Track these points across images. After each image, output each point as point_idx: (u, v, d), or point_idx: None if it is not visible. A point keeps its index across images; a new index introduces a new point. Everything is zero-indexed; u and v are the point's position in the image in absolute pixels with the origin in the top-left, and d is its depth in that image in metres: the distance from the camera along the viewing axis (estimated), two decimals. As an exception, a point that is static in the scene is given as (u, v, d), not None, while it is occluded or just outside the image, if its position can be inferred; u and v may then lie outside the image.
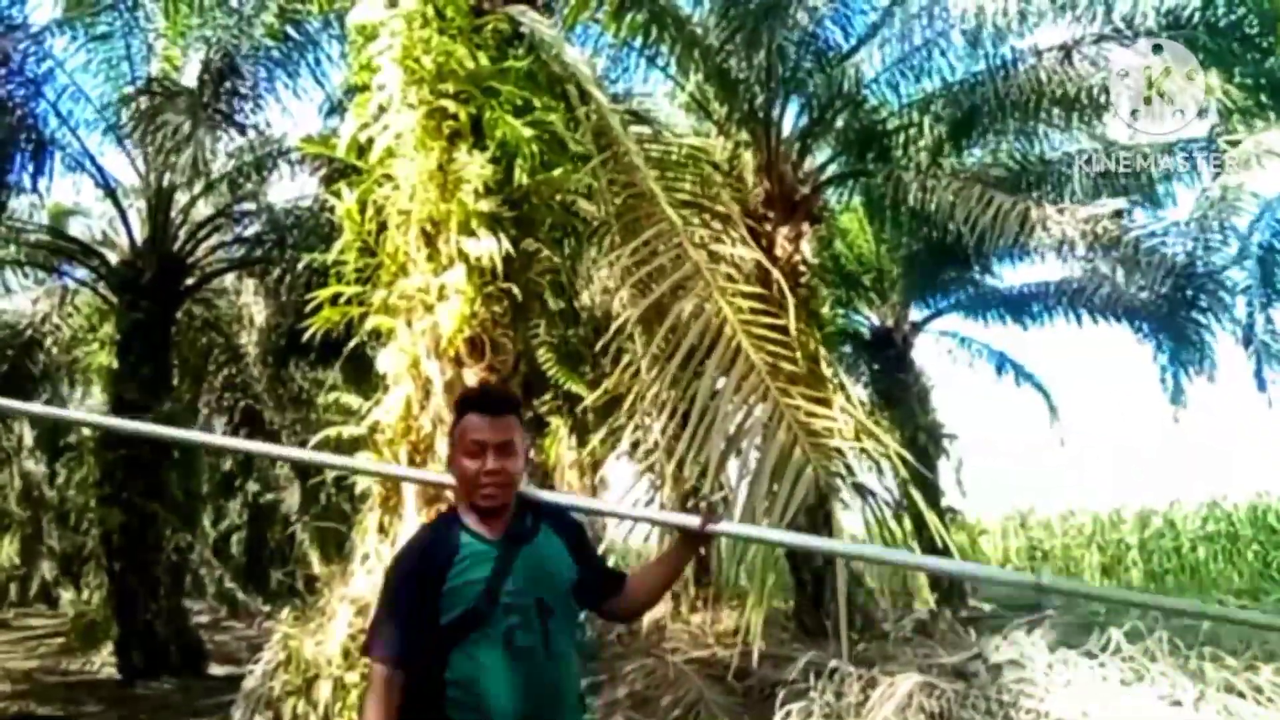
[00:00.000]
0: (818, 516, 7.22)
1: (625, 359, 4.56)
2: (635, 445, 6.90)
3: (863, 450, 3.61)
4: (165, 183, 9.09)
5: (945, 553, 10.61)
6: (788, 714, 4.49)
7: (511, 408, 2.01)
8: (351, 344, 4.29)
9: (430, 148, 3.96)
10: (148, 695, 7.95)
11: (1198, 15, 7.06)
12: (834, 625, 7.01)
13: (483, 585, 1.82)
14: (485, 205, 3.88)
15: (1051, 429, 13.19)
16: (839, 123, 8.48)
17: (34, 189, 8.51)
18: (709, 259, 3.89)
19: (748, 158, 7.80)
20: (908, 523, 6.58)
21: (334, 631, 3.83)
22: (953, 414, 12.80)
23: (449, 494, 2.40)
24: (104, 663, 9.49)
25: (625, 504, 1.97)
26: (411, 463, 3.81)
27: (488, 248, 3.80)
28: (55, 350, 11.41)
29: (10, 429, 14.43)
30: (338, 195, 4.12)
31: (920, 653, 5.52)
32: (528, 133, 3.94)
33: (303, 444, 12.33)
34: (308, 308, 4.08)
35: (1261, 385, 9.14)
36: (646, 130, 5.71)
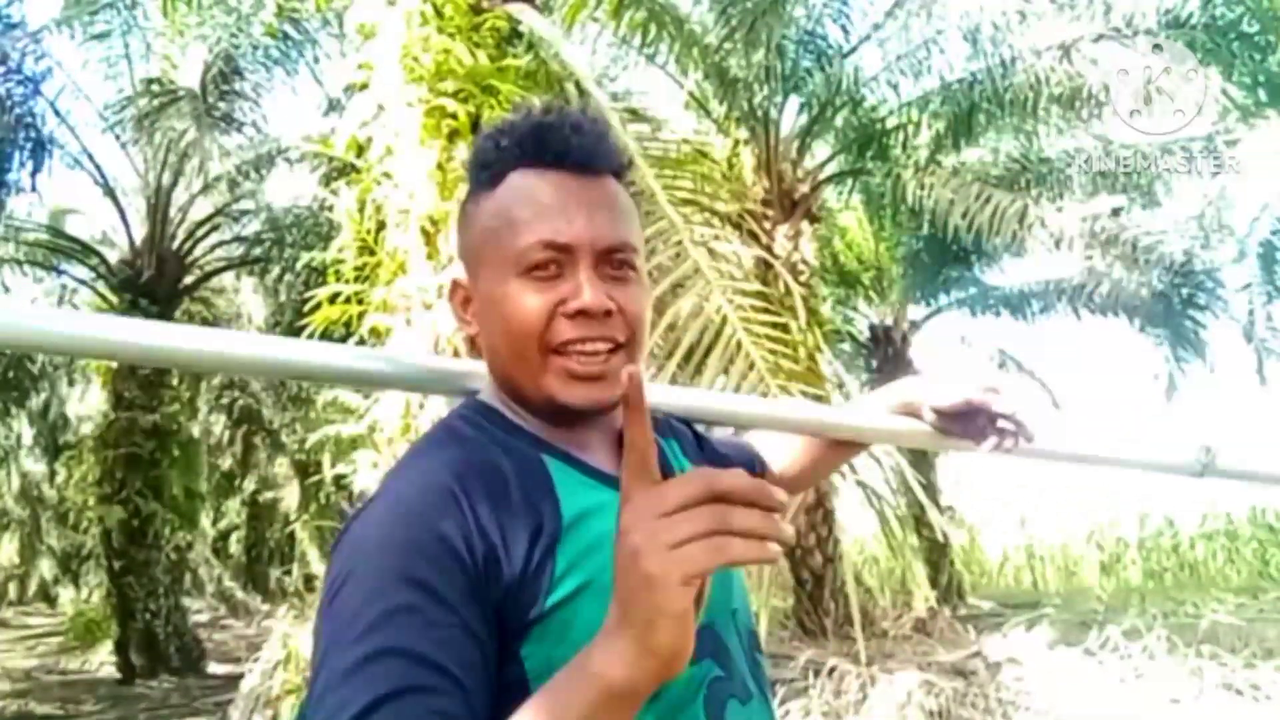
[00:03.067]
0: (817, 514, 7.23)
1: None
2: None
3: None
4: (164, 181, 9.10)
5: (945, 549, 10.64)
6: (786, 713, 4.49)
7: (617, 165, 0.84)
8: (350, 342, 4.28)
9: (429, 146, 3.96)
10: (147, 694, 7.95)
11: (1197, 14, 7.08)
12: (834, 624, 7.03)
13: None
14: (484, 204, 3.87)
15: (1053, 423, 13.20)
16: (838, 121, 8.48)
17: (33, 188, 8.51)
18: (709, 257, 3.90)
19: (747, 156, 7.81)
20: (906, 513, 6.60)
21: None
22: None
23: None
24: (103, 662, 9.50)
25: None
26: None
27: (487, 246, 3.79)
28: (54, 349, 11.39)
29: (10, 427, 14.43)
30: (336, 194, 4.12)
31: (919, 651, 5.54)
32: (527, 131, 3.93)
33: (301, 443, 12.36)
34: (306, 306, 4.07)
35: (1263, 382, 9.19)
36: (645, 128, 5.70)
